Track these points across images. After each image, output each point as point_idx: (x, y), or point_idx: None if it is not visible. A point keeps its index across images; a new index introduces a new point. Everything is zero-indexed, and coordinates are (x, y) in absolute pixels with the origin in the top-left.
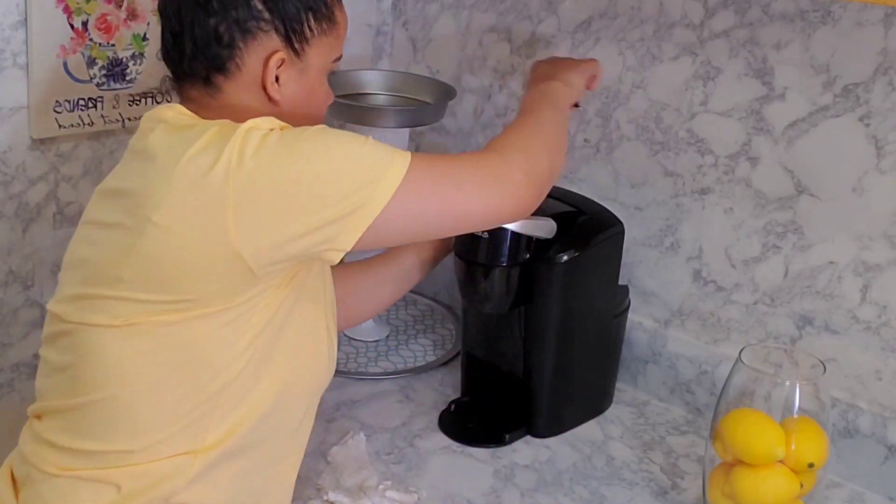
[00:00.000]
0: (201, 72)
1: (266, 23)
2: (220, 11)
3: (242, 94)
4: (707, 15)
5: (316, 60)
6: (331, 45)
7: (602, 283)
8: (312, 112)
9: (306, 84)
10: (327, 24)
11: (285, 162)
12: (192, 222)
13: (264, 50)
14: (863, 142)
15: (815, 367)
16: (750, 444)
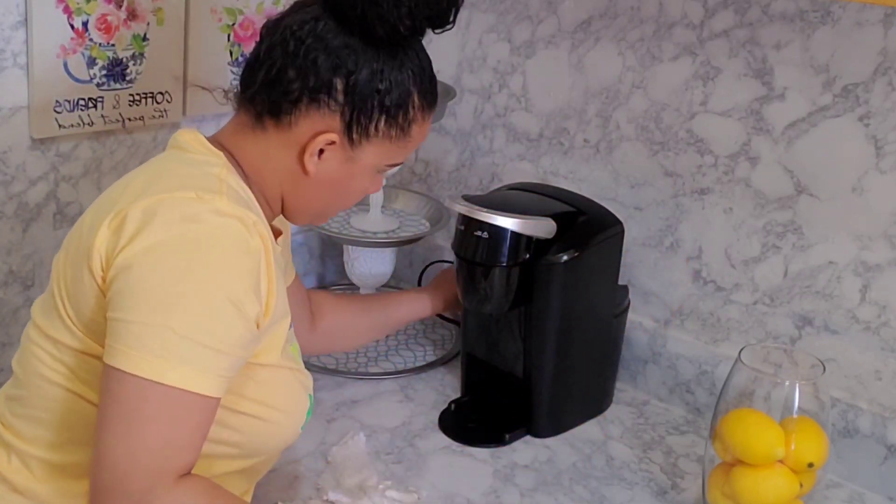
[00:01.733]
0: (259, 106)
1: (335, 103)
2: (302, 69)
3: (281, 148)
4: (707, 15)
5: (370, 157)
6: (393, 151)
7: (602, 283)
8: (337, 199)
9: (347, 172)
10: (397, 133)
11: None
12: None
13: (321, 125)
14: (862, 142)
15: (815, 367)
16: (750, 444)
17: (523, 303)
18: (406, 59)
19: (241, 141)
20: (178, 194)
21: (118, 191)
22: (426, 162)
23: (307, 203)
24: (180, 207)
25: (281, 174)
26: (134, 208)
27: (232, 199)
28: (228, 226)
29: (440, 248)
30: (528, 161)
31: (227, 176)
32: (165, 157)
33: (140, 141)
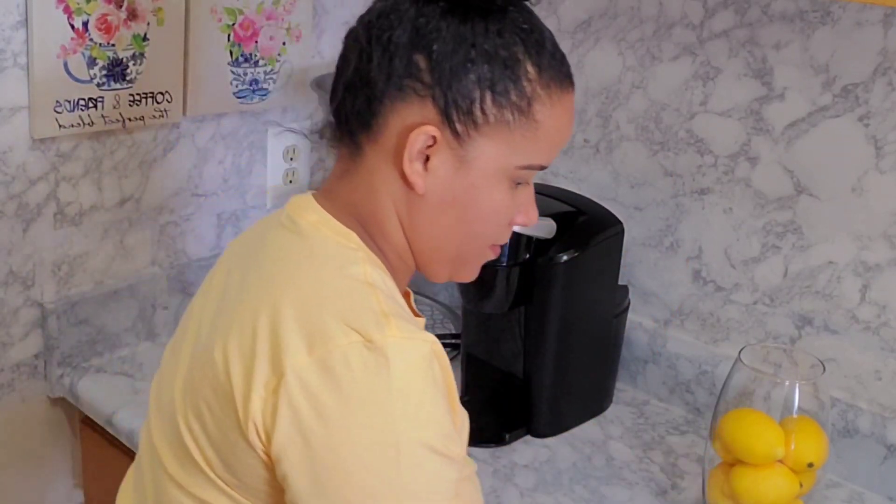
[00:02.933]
0: (351, 123)
1: (425, 86)
2: (380, 57)
3: (381, 164)
4: (707, 15)
5: (489, 155)
6: (520, 144)
7: (602, 283)
8: (468, 226)
9: (467, 182)
10: (516, 116)
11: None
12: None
13: (413, 117)
14: (862, 142)
15: (815, 367)
16: (749, 444)
17: (523, 303)
18: (506, 24)
19: (349, 184)
20: (342, 341)
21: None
22: None
23: (434, 241)
24: (352, 362)
25: (395, 205)
26: (294, 365)
27: (393, 315)
28: (408, 371)
29: None
30: None
31: (371, 273)
32: (294, 257)
33: (140, 141)
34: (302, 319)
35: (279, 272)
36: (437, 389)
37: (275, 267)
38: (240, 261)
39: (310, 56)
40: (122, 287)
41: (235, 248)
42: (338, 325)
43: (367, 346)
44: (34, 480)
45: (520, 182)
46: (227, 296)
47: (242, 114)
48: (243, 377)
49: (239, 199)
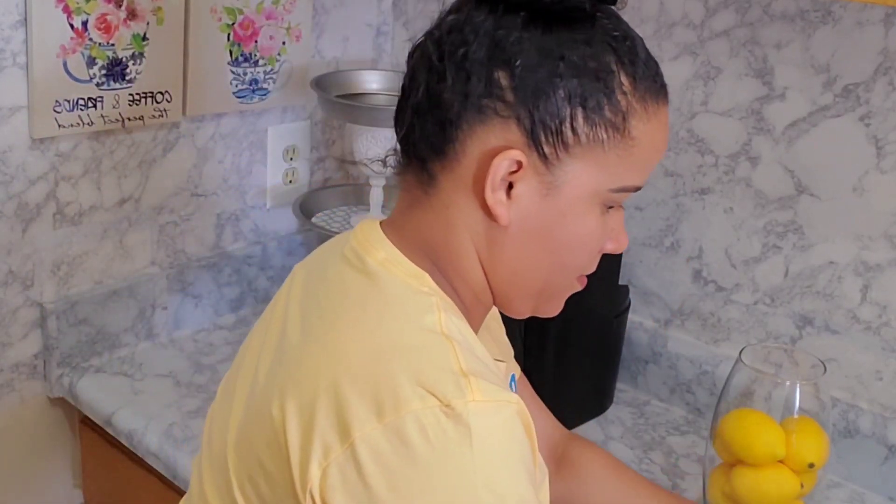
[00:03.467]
0: (421, 150)
1: (506, 106)
2: (454, 76)
3: (458, 194)
4: (707, 14)
5: (581, 179)
6: (615, 165)
7: (602, 283)
8: (556, 258)
9: (556, 210)
10: (611, 134)
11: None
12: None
13: (494, 140)
14: (863, 142)
15: (816, 367)
16: (750, 444)
17: None
18: (595, 32)
19: (420, 218)
20: (416, 405)
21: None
22: None
23: (517, 275)
24: (428, 430)
25: (473, 238)
26: (361, 433)
27: (474, 373)
28: (491, 439)
29: None
30: None
31: (447, 322)
32: (360, 302)
33: (140, 141)
34: (370, 379)
35: (343, 319)
36: (521, 455)
37: (338, 311)
38: (301, 295)
39: (310, 56)
40: (121, 287)
41: (299, 277)
42: (412, 387)
43: (445, 412)
44: (34, 480)
45: (611, 206)
46: (286, 339)
47: (242, 113)
48: (301, 441)
49: (239, 199)
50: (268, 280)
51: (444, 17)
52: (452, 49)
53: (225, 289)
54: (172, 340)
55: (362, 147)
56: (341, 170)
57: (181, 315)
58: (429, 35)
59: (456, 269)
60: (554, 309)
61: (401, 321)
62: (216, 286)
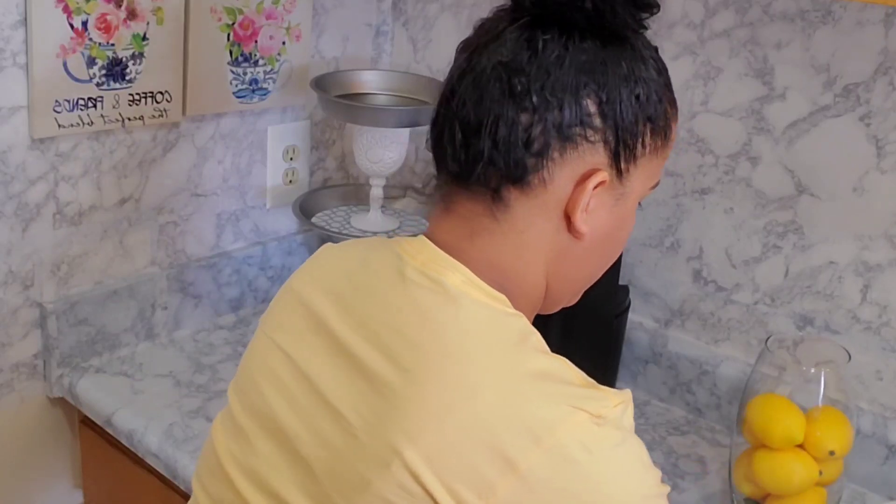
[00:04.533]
0: (492, 181)
1: (595, 132)
2: (540, 108)
3: (536, 219)
4: (707, 14)
5: (637, 186)
6: (657, 167)
7: (602, 283)
8: (609, 252)
9: (618, 216)
10: (661, 142)
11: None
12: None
13: (583, 166)
14: (863, 142)
15: (841, 356)
16: (770, 428)
17: None
18: (642, 49)
19: (487, 244)
20: (569, 423)
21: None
22: (426, 162)
23: (573, 279)
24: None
25: (545, 258)
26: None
27: (591, 382)
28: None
29: None
30: None
31: (542, 342)
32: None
33: (140, 141)
34: (512, 410)
35: (448, 351)
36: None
37: (441, 347)
38: (351, 320)
39: (310, 56)
40: (121, 287)
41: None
42: (558, 408)
43: (597, 423)
44: (33, 481)
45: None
46: (377, 378)
47: (242, 113)
48: (447, 486)
49: (239, 199)
50: (268, 280)
51: (498, 34)
52: (532, 82)
53: (225, 289)
54: (172, 340)
55: (362, 147)
56: (341, 170)
57: (181, 315)
58: (490, 64)
59: (521, 287)
60: (578, 298)
61: (514, 348)
62: (216, 286)
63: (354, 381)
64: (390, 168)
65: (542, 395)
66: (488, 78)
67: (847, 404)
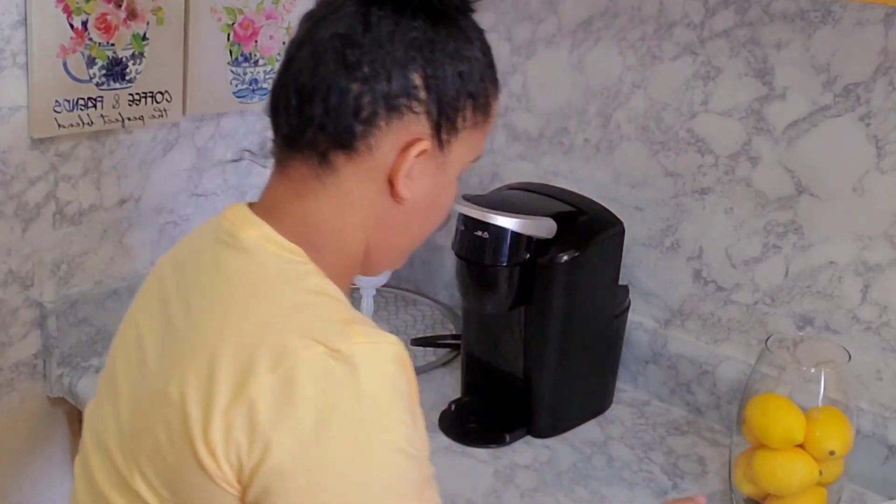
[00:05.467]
0: (321, 145)
1: (420, 103)
2: (370, 79)
3: (361, 183)
4: (707, 14)
5: (459, 157)
6: (478, 141)
7: (602, 283)
8: (429, 225)
9: (439, 184)
10: (482, 117)
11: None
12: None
13: (407, 135)
14: (863, 142)
15: (841, 356)
16: (770, 428)
17: (523, 303)
18: (469, 30)
19: (310, 203)
20: (305, 354)
21: (198, 335)
22: None
23: (395, 243)
24: (317, 373)
25: (367, 220)
26: (257, 386)
27: (355, 321)
28: (376, 375)
29: (440, 248)
30: (528, 161)
31: (324, 283)
32: (243, 278)
33: (140, 141)
34: (264, 344)
35: (228, 294)
36: (403, 391)
37: (220, 289)
38: (178, 284)
39: None
40: (121, 287)
41: (168, 270)
42: (300, 340)
43: (332, 356)
44: (33, 480)
45: (462, 172)
46: (172, 326)
47: (242, 113)
48: (203, 409)
49: (238, 199)
50: None
51: (333, 11)
52: (362, 54)
53: None
54: None
55: None
56: None
57: None
58: (326, 35)
59: (337, 245)
60: (403, 263)
61: (284, 289)
62: None
63: (162, 334)
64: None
65: (292, 328)
66: (325, 48)
67: (847, 404)
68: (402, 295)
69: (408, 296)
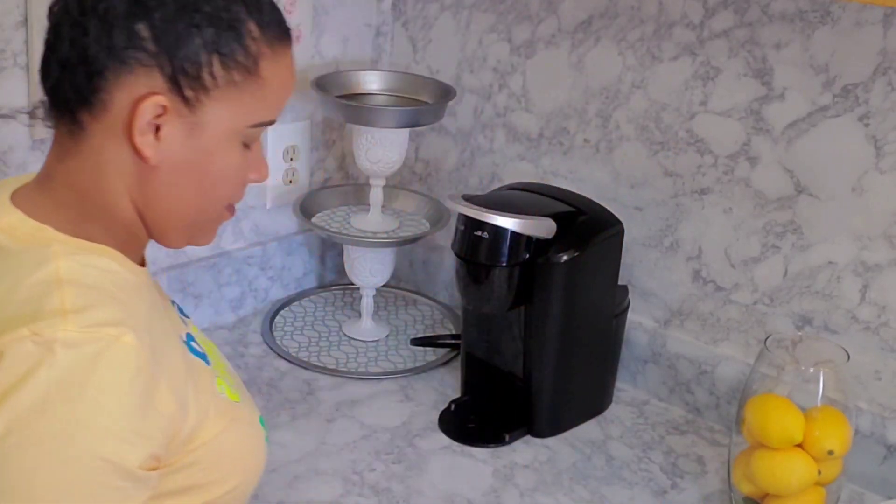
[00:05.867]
0: (69, 102)
1: (148, 56)
2: (98, 30)
3: (108, 141)
4: (707, 15)
5: (221, 119)
6: (248, 104)
7: (602, 283)
8: (209, 186)
9: (200, 148)
10: (243, 77)
11: None
12: None
13: (140, 88)
14: (862, 142)
15: (840, 356)
16: (768, 428)
17: (523, 303)
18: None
19: (72, 166)
20: (6, 338)
21: None
22: (426, 162)
23: (170, 209)
24: (15, 356)
25: (126, 182)
26: None
27: (80, 310)
28: (78, 367)
29: (440, 248)
30: (528, 161)
31: (67, 268)
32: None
33: None
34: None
35: None
36: (108, 384)
37: None
38: None
39: (310, 56)
40: None
41: None
42: (11, 320)
43: (34, 341)
44: None
45: (250, 141)
46: None
47: None
48: None
49: None
50: (268, 280)
51: None
52: (94, 4)
53: (225, 289)
54: None
55: (362, 147)
56: (341, 170)
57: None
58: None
59: (107, 211)
60: (207, 239)
61: (11, 280)
62: (216, 286)
63: None
64: (390, 168)
65: (8, 318)
66: (65, 7)
67: (846, 404)
68: (401, 295)
69: (408, 296)
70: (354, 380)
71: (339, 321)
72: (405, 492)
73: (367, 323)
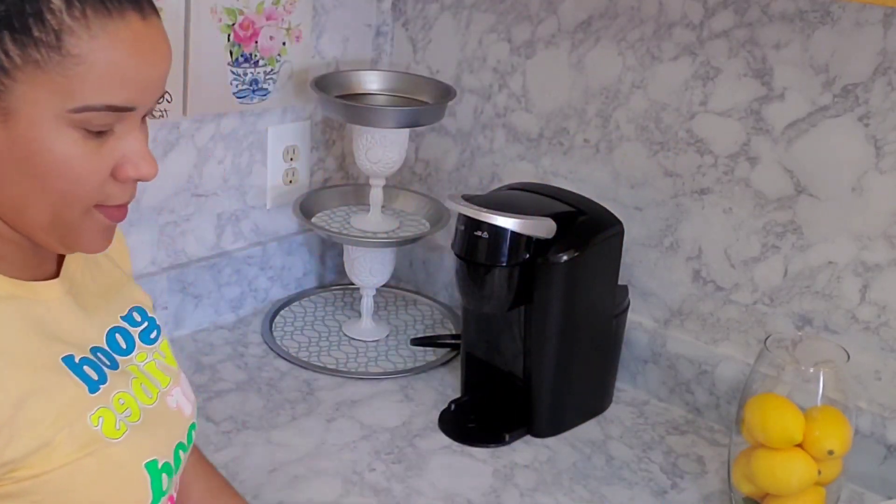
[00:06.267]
0: None
1: None
2: None
3: None
4: (707, 15)
5: (31, 104)
6: (61, 85)
7: (602, 283)
8: (52, 187)
9: (17, 138)
10: (46, 54)
11: None
12: None
13: None
14: (862, 142)
15: (840, 356)
16: (768, 428)
17: (523, 303)
18: None
19: None
20: None
21: None
22: (426, 162)
23: (16, 209)
24: None
25: None
26: None
27: None
28: None
29: (440, 248)
30: (528, 161)
31: None
32: None
33: None
34: None
35: None
36: None
37: None
38: None
39: (310, 56)
40: None
41: None
42: None
43: None
44: None
45: (100, 130)
46: None
47: (242, 114)
48: None
49: (239, 199)
50: (268, 280)
51: None
52: None
53: (225, 289)
54: (172, 340)
55: (362, 147)
56: (341, 170)
57: (181, 315)
58: None
59: None
60: (91, 244)
61: None
62: (216, 286)
63: None
64: (390, 168)
65: None
66: None
67: (846, 404)
68: (402, 295)
69: (408, 296)
70: (354, 380)
71: (339, 321)
72: (405, 492)
73: (367, 323)
